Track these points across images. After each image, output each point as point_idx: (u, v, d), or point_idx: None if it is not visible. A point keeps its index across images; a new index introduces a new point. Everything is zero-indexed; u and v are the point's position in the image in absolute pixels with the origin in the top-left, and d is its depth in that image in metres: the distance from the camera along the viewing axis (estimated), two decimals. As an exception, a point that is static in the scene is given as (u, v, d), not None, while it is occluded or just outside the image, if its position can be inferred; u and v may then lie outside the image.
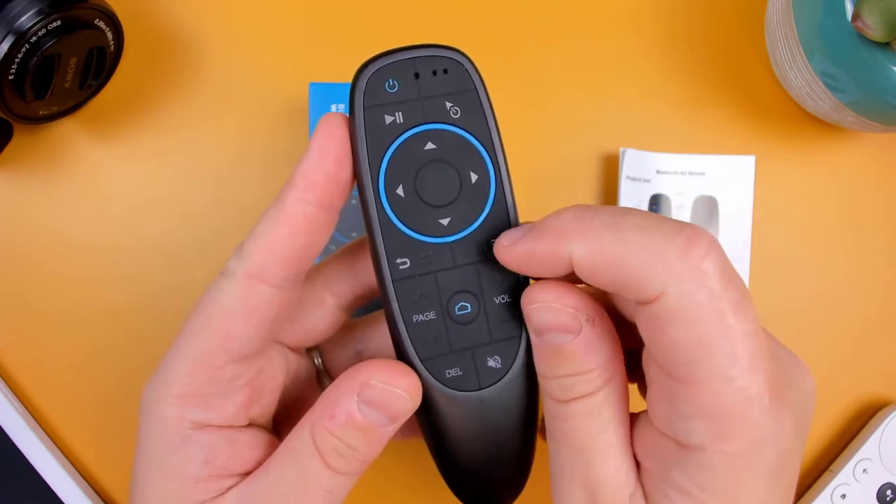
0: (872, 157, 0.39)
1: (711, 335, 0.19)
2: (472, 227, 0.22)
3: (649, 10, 0.39)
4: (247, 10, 0.38)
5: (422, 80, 0.22)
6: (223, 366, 0.22)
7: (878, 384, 0.39)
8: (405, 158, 0.22)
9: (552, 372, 0.21)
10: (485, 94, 0.22)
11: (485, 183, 0.22)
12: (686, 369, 0.19)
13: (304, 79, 0.36)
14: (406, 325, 0.22)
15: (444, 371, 0.22)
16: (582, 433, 0.21)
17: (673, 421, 0.20)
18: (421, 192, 0.22)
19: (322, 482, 0.22)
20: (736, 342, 0.19)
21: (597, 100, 0.38)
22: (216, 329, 0.21)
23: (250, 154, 0.37)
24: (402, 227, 0.22)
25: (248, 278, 0.21)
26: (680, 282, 0.19)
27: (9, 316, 0.36)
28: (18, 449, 0.35)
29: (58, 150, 0.37)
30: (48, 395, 0.36)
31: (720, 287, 0.19)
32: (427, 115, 0.22)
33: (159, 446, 0.22)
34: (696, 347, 0.19)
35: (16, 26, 0.30)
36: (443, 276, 0.22)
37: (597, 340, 0.21)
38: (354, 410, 0.21)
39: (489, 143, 0.22)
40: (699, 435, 0.20)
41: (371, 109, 0.22)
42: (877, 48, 0.31)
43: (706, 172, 0.37)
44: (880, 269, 0.39)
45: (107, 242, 0.37)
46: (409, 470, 0.37)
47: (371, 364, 0.21)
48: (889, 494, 0.37)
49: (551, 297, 0.21)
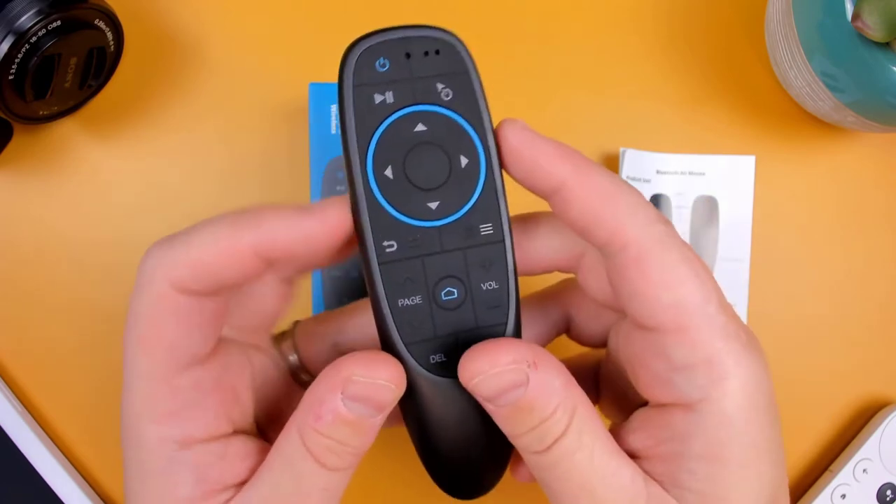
0: (872, 157, 0.39)
1: (686, 274, 0.21)
2: (461, 211, 0.22)
3: (649, 11, 0.39)
4: (247, 11, 0.38)
5: (413, 60, 0.22)
6: (177, 375, 0.21)
7: (878, 384, 0.39)
8: (394, 139, 0.22)
9: (520, 430, 0.21)
10: (476, 77, 0.22)
11: (475, 167, 0.22)
12: (670, 313, 0.21)
13: (304, 79, 0.36)
14: (391, 309, 0.22)
15: (428, 356, 0.22)
16: (574, 472, 0.21)
17: (671, 379, 0.21)
18: (410, 174, 0.22)
19: (318, 482, 0.21)
20: (705, 282, 0.21)
21: (597, 100, 0.38)
22: (153, 341, 0.21)
23: (250, 154, 0.37)
24: (389, 209, 0.22)
25: (167, 288, 0.20)
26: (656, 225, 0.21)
27: (9, 316, 0.36)
28: (18, 449, 0.35)
29: (58, 150, 0.37)
30: (48, 395, 0.36)
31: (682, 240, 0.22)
32: (418, 96, 0.22)
33: (147, 472, 0.21)
34: (677, 286, 0.21)
35: (16, 26, 0.30)
36: (430, 261, 0.22)
37: (546, 379, 0.21)
38: (340, 407, 0.20)
39: (480, 126, 0.22)
40: (700, 382, 0.21)
41: (360, 88, 0.21)
42: (877, 48, 0.31)
43: (706, 172, 0.37)
44: (880, 269, 0.39)
45: (107, 242, 0.37)
46: (400, 460, 0.37)
47: (350, 359, 0.21)
48: (889, 494, 0.37)
49: (487, 364, 0.21)
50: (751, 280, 0.38)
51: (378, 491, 0.37)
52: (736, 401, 0.20)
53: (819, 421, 0.39)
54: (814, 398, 0.39)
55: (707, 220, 0.37)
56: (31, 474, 0.35)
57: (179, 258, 0.20)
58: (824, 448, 0.39)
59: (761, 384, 0.21)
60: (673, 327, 0.21)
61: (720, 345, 0.21)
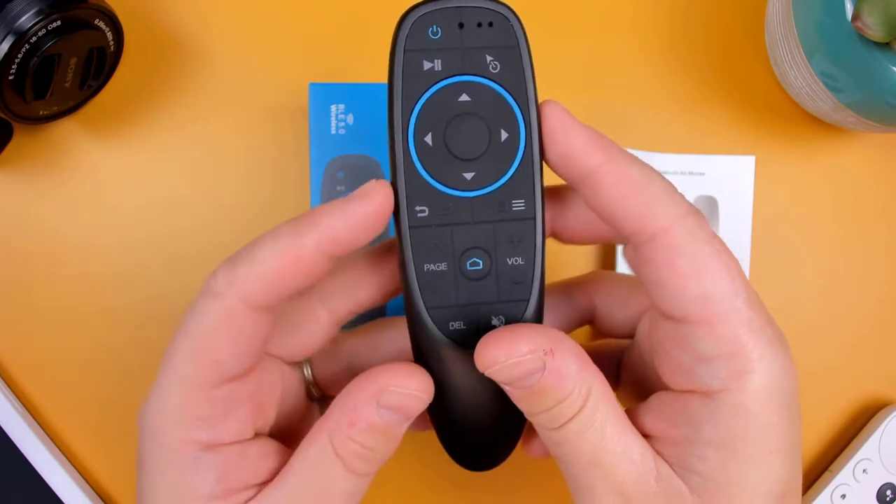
0: (872, 158, 0.39)
1: (716, 266, 0.21)
2: (496, 185, 0.22)
3: (649, 11, 0.39)
4: (247, 10, 0.38)
5: (465, 31, 0.22)
6: (217, 387, 0.22)
7: (878, 384, 0.39)
8: (438, 107, 0.22)
9: (536, 409, 0.22)
10: (527, 52, 0.22)
11: (514, 142, 0.22)
12: (697, 306, 0.21)
13: (304, 79, 0.36)
14: (417, 273, 0.22)
15: (448, 323, 0.22)
16: (585, 447, 0.22)
17: (694, 369, 0.21)
18: (449, 143, 0.22)
19: (344, 486, 0.22)
20: (735, 275, 0.21)
21: (597, 100, 0.38)
22: (205, 353, 0.21)
23: (250, 154, 0.37)
24: (425, 175, 0.22)
25: (237, 302, 0.21)
26: (687, 217, 0.21)
27: (9, 316, 0.36)
28: (18, 449, 0.35)
29: (58, 150, 0.37)
30: (48, 395, 0.36)
31: (713, 232, 0.22)
32: (466, 65, 0.22)
33: (169, 470, 0.22)
34: (705, 278, 0.21)
35: (16, 26, 0.30)
36: (459, 230, 0.22)
37: (563, 365, 0.21)
38: (374, 416, 0.21)
39: (524, 102, 0.22)
40: (722, 374, 0.21)
41: (411, 53, 0.22)
42: (877, 48, 0.31)
43: (706, 172, 0.37)
44: (880, 268, 0.39)
45: (107, 242, 0.37)
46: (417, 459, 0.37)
47: (385, 370, 0.22)
48: (889, 494, 0.37)
49: (503, 355, 0.21)
50: (751, 280, 0.38)
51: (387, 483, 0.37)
52: (755, 395, 0.21)
53: (819, 421, 0.39)
54: (813, 398, 0.39)
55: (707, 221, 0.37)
56: (31, 474, 0.35)
57: (249, 273, 0.21)
58: (824, 448, 0.39)
59: (783, 382, 0.21)
60: (699, 319, 0.21)
61: (745, 339, 0.21)
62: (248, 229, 0.37)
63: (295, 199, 0.37)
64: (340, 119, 0.33)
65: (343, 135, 0.33)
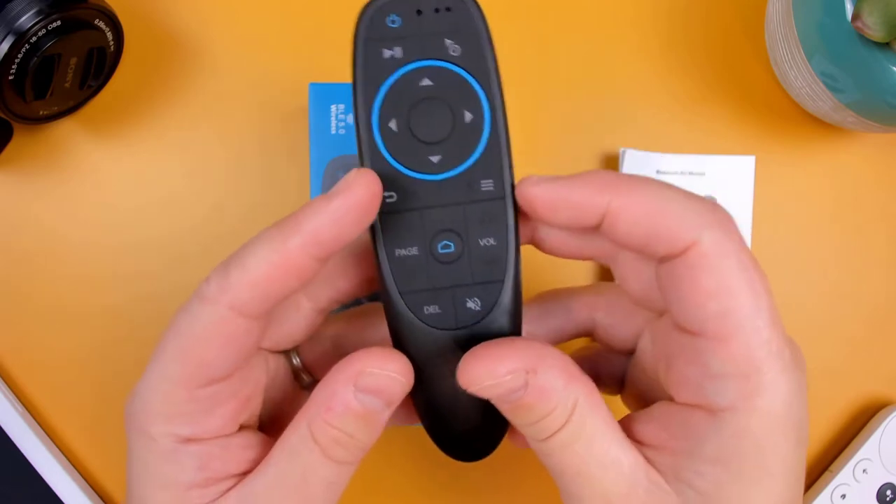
0: (872, 158, 0.39)
1: (740, 285, 0.20)
2: (463, 166, 0.22)
3: (649, 10, 0.39)
4: (247, 10, 0.38)
5: (424, 17, 0.22)
6: (201, 388, 0.22)
7: (878, 384, 0.39)
8: (400, 93, 0.22)
9: (521, 422, 0.22)
10: (486, 34, 0.22)
11: (479, 123, 0.22)
12: (716, 322, 0.20)
13: (304, 79, 0.36)
14: (388, 258, 0.22)
15: (423, 307, 0.22)
16: (573, 458, 0.21)
17: (702, 385, 0.21)
18: (414, 127, 0.22)
19: (324, 474, 0.22)
20: (759, 294, 0.20)
21: (597, 100, 0.38)
22: (192, 356, 0.21)
23: (250, 154, 0.37)
24: (392, 161, 0.22)
25: (227, 309, 0.21)
26: (712, 230, 0.20)
27: (9, 316, 0.36)
28: (18, 449, 0.35)
29: (58, 150, 0.37)
30: (48, 395, 0.36)
31: (741, 244, 0.21)
32: (426, 51, 0.22)
33: (151, 459, 0.22)
34: (727, 296, 0.20)
35: (16, 26, 0.30)
36: (428, 214, 0.22)
37: (546, 381, 0.21)
38: (352, 399, 0.21)
39: (487, 83, 0.22)
40: (731, 394, 0.20)
41: (370, 42, 0.22)
42: (877, 48, 0.31)
43: (706, 172, 0.37)
44: (880, 269, 0.39)
45: (107, 242, 0.37)
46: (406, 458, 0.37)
47: (362, 353, 0.21)
48: (889, 494, 0.37)
49: (484, 376, 0.21)
50: (751, 280, 0.38)
51: (379, 486, 0.37)
52: (761, 418, 0.20)
53: (819, 421, 0.39)
54: (813, 398, 0.39)
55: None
56: (31, 474, 0.35)
57: (240, 280, 0.21)
58: (824, 448, 0.39)
59: (792, 407, 0.20)
60: (716, 335, 0.20)
61: (760, 361, 0.20)
62: (247, 229, 0.37)
63: (295, 199, 0.37)
64: (340, 119, 0.33)
65: (343, 135, 0.33)
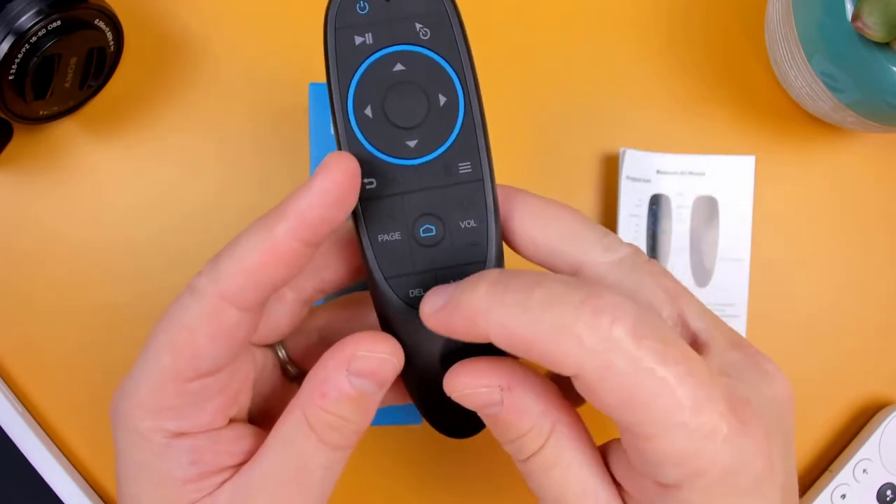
0: (872, 158, 0.39)
1: (647, 393, 0.19)
2: (440, 150, 0.22)
3: (649, 10, 0.39)
4: (247, 10, 0.38)
5: (393, 2, 0.22)
6: (190, 381, 0.22)
7: (878, 384, 0.39)
8: (374, 79, 0.22)
9: (502, 438, 0.22)
10: (456, 16, 0.22)
11: (453, 106, 0.22)
12: (637, 428, 0.19)
13: (304, 79, 0.36)
14: (372, 244, 0.22)
15: (408, 290, 0.23)
16: (550, 484, 0.22)
17: (646, 468, 0.20)
18: (389, 113, 0.22)
19: (321, 460, 0.22)
20: (674, 390, 0.19)
21: (597, 100, 0.38)
22: (182, 348, 0.21)
23: (250, 154, 0.37)
24: (369, 147, 0.22)
25: (219, 300, 0.21)
26: (594, 355, 0.19)
27: (8, 316, 0.36)
28: (18, 449, 0.35)
29: (58, 150, 0.37)
30: (48, 394, 0.36)
31: (636, 347, 0.19)
32: (396, 35, 0.22)
33: (142, 457, 0.22)
34: (637, 409, 0.19)
35: (16, 26, 0.30)
36: (409, 198, 0.22)
37: (520, 402, 0.21)
38: (345, 384, 0.21)
39: (459, 65, 0.22)
40: (672, 477, 0.20)
41: (341, 30, 0.22)
42: (877, 48, 0.31)
43: (706, 172, 0.37)
44: (880, 269, 0.39)
45: (107, 242, 0.37)
46: (396, 458, 0.37)
47: (352, 337, 0.22)
48: (889, 494, 0.37)
49: (461, 386, 0.21)
50: (751, 280, 0.38)
51: (372, 487, 0.37)
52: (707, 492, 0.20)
53: (819, 421, 0.39)
54: (813, 398, 0.39)
55: (707, 221, 0.37)
56: (31, 474, 0.35)
57: (231, 271, 0.21)
58: (824, 448, 0.39)
59: (743, 470, 0.20)
60: (642, 436, 0.20)
61: (693, 450, 0.19)
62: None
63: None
64: (340, 119, 0.33)
65: (343, 135, 0.33)
